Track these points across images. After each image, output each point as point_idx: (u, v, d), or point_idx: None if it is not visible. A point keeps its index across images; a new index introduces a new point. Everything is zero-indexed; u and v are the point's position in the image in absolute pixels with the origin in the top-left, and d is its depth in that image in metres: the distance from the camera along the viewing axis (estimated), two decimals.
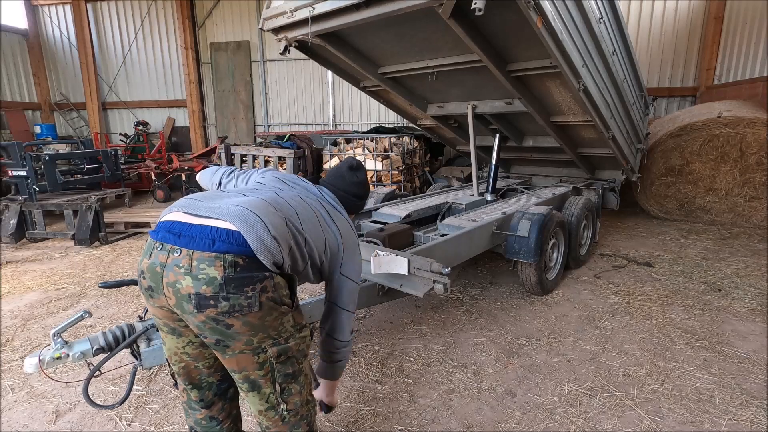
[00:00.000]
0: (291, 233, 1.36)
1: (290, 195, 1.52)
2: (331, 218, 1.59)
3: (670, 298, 3.52)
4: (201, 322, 1.21)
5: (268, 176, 1.70)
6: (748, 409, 2.20)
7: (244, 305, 1.19)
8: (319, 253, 1.50)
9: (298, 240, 1.39)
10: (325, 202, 1.64)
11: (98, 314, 3.40)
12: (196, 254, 1.18)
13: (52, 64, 12.03)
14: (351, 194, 1.80)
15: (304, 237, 1.42)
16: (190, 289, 1.17)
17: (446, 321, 3.20)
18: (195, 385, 1.48)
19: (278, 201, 1.42)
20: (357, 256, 1.67)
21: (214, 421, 1.53)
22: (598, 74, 3.64)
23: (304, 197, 1.56)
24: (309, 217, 1.48)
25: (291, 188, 1.61)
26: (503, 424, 2.13)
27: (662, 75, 8.73)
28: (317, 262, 1.51)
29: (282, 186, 1.61)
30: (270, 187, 1.58)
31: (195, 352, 1.41)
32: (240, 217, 1.23)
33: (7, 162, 6.49)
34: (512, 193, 4.80)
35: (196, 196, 1.38)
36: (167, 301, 1.24)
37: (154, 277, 1.23)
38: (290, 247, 1.35)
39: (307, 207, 1.51)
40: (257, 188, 1.54)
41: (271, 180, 1.66)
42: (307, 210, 1.49)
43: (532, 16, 2.64)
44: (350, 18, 3.12)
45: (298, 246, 1.39)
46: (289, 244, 1.34)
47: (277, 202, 1.41)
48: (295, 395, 1.39)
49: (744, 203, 5.73)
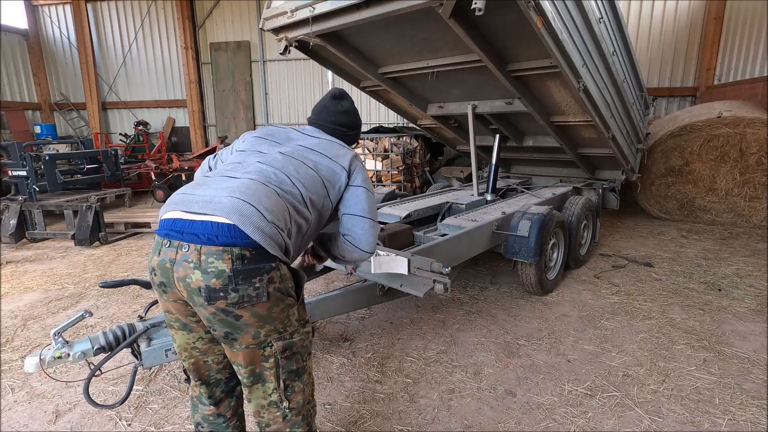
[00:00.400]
0: (286, 202, 1.37)
1: (273, 157, 1.50)
2: (318, 151, 1.57)
3: (670, 298, 3.52)
4: (211, 314, 1.23)
5: (247, 139, 1.66)
6: (748, 409, 2.20)
7: (253, 296, 1.22)
8: (320, 193, 1.50)
9: (296, 204, 1.40)
10: (308, 139, 1.62)
11: (98, 314, 3.40)
12: (204, 249, 1.20)
13: (52, 64, 12.03)
14: (340, 125, 1.73)
15: (300, 193, 1.43)
16: (200, 282, 1.19)
17: (446, 321, 3.20)
18: (204, 382, 1.49)
19: (265, 172, 1.41)
20: (361, 170, 1.63)
21: (221, 418, 1.54)
22: (598, 74, 3.64)
23: (285, 152, 1.54)
24: (296, 167, 1.47)
25: (271, 145, 1.58)
26: (503, 424, 2.13)
27: (662, 75, 8.73)
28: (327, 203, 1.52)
29: (262, 146, 1.58)
30: (252, 151, 1.56)
31: (205, 348, 1.43)
32: (235, 210, 1.23)
33: (7, 162, 6.49)
34: (512, 193, 4.80)
35: (185, 190, 1.37)
36: (181, 294, 1.26)
37: (165, 273, 1.25)
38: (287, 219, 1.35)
39: (292, 160, 1.50)
40: (240, 161, 1.51)
41: (250, 142, 1.62)
42: (292, 163, 1.48)
43: (532, 15, 2.64)
44: (350, 18, 3.12)
45: (298, 211, 1.40)
46: (285, 220, 1.34)
47: (264, 174, 1.40)
48: (299, 393, 1.40)
49: (744, 203, 5.73)
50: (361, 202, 1.59)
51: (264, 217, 1.26)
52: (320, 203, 1.51)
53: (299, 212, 1.41)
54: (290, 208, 1.38)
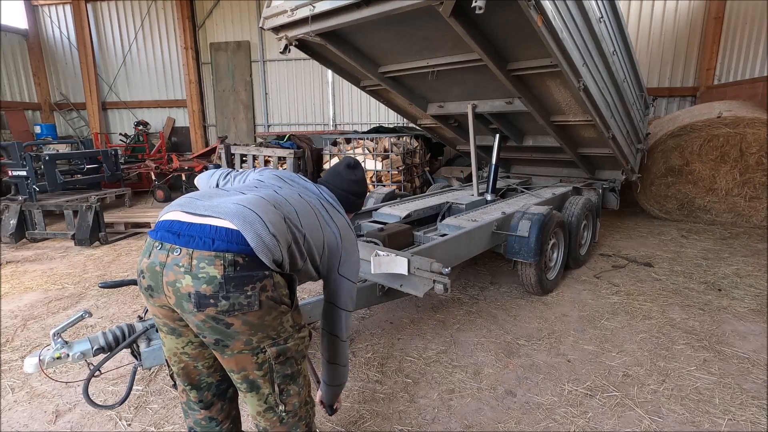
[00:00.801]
0: (290, 231, 1.36)
1: (289, 193, 1.51)
2: (330, 217, 1.58)
3: (670, 298, 3.52)
4: (201, 321, 1.20)
5: (266, 174, 1.68)
6: (748, 409, 2.20)
7: (244, 304, 1.19)
8: (318, 251, 1.49)
9: (297, 238, 1.39)
10: (324, 200, 1.64)
11: (98, 314, 3.39)
12: (195, 253, 1.18)
13: (52, 64, 12.03)
14: (349, 192, 1.79)
15: (303, 235, 1.42)
16: (190, 288, 1.17)
17: (446, 321, 3.20)
18: (194, 386, 1.47)
19: (277, 199, 1.41)
20: (355, 255, 1.67)
21: (213, 421, 1.53)
22: (598, 73, 3.64)
23: (302, 195, 1.55)
24: (308, 215, 1.47)
25: (290, 186, 1.60)
26: (503, 424, 2.13)
27: (662, 75, 8.73)
28: (316, 260, 1.51)
29: (281, 184, 1.60)
30: (268, 185, 1.57)
31: (194, 353, 1.41)
32: (239, 216, 1.23)
33: (7, 162, 6.49)
34: (512, 193, 4.79)
35: (195, 195, 1.37)
36: (167, 300, 1.24)
37: (154, 276, 1.23)
38: (289, 245, 1.34)
39: (306, 205, 1.51)
40: (256, 186, 1.53)
41: (269, 178, 1.65)
42: (305, 208, 1.49)
43: (533, 14, 2.64)
44: (350, 17, 3.12)
45: (297, 244, 1.39)
46: (288, 242, 1.33)
47: (275, 199, 1.40)
48: (294, 396, 1.39)
49: (744, 203, 5.73)
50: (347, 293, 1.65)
51: (267, 228, 1.25)
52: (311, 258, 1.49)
53: (297, 246, 1.40)
54: (291, 236, 1.36)
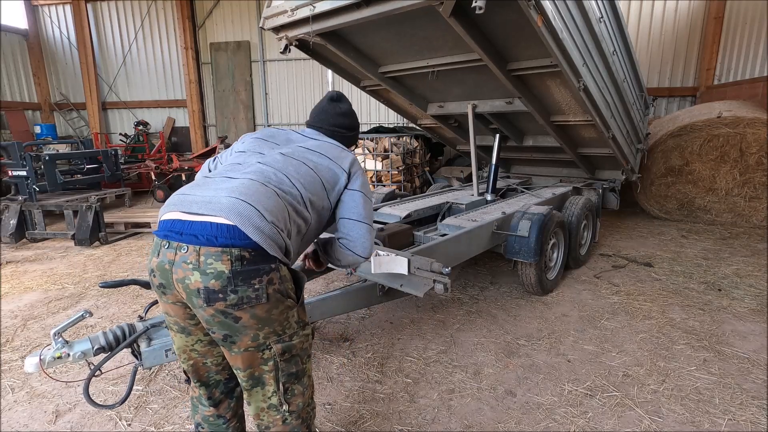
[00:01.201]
0: (286, 203, 1.36)
1: (273, 157, 1.50)
2: (319, 152, 1.57)
3: (670, 298, 3.52)
4: (210, 316, 1.22)
5: (247, 140, 1.66)
6: (748, 409, 2.20)
7: (252, 297, 1.21)
8: (320, 195, 1.50)
9: (295, 205, 1.40)
10: (308, 141, 1.63)
11: (98, 314, 3.40)
12: (203, 249, 1.19)
13: (52, 64, 12.03)
14: (339, 126, 1.74)
15: (300, 194, 1.42)
16: (198, 284, 1.19)
17: (446, 321, 3.20)
18: (203, 383, 1.49)
19: (264, 172, 1.41)
20: (361, 172, 1.64)
21: (221, 419, 1.54)
22: (598, 73, 3.64)
23: (286, 153, 1.54)
24: (296, 168, 1.47)
25: (271, 146, 1.59)
26: (503, 424, 2.13)
27: (662, 75, 8.73)
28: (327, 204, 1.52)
29: (262, 147, 1.58)
30: (251, 152, 1.56)
31: (204, 350, 1.43)
32: (234, 211, 1.23)
33: (7, 162, 6.49)
34: (512, 193, 4.79)
35: (184, 190, 1.36)
36: (180, 295, 1.26)
37: (164, 274, 1.25)
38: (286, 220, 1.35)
39: (292, 161, 1.50)
40: (240, 162, 1.51)
41: (250, 144, 1.62)
42: (292, 163, 1.48)
43: (533, 14, 2.65)
44: (350, 17, 3.12)
45: (297, 211, 1.40)
46: (285, 220, 1.34)
47: (263, 174, 1.39)
48: (298, 396, 1.39)
49: (744, 203, 5.73)
50: (358, 206, 1.59)
51: (264, 218, 1.25)
52: (320, 204, 1.51)
53: (299, 213, 1.41)
54: (289, 208, 1.37)
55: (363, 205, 1.60)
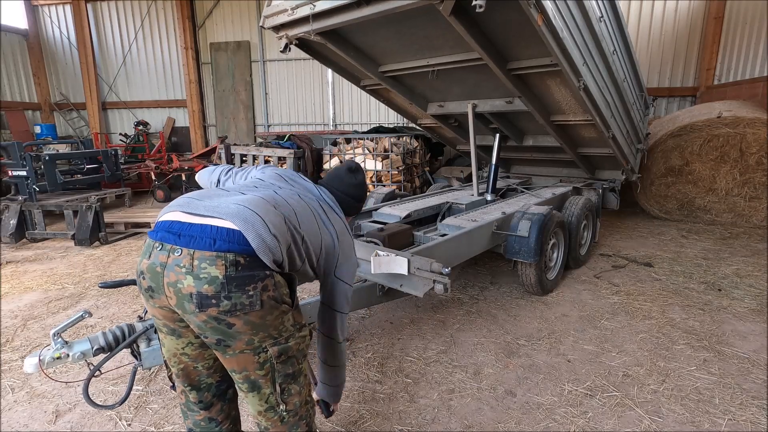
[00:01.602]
0: (290, 232, 1.36)
1: (289, 193, 1.51)
2: (329, 219, 1.58)
3: (670, 298, 3.52)
4: (202, 322, 1.20)
5: (267, 172, 1.68)
6: (748, 409, 2.20)
7: (246, 304, 1.19)
8: (316, 252, 1.50)
9: (296, 239, 1.39)
10: (323, 202, 1.64)
11: (98, 314, 3.39)
12: (197, 253, 1.18)
13: (52, 64, 12.03)
14: (349, 196, 1.80)
15: (301, 236, 1.42)
16: (191, 288, 1.17)
17: (446, 321, 3.20)
18: (194, 387, 1.47)
19: (277, 199, 1.41)
20: (352, 258, 1.68)
21: (213, 422, 1.53)
22: (598, 73, 3.64)
23: (302, 196, 1.55)
24: (307, 216, 1.48)
25: (290, 186, 1.60)
26: (503, 424, 2.13)
27: (662, 75, 8.73)
28: (314, 262, 1.51)
29: (281, 183, 1.60)
30: (269, 184, 1.57)
31: (194, 353, 1.41)
32: (240, 216, 1.23)
33: (7, 162, 6.49)
34: (512, 193, 4.79)
35: (194, 195, 1.37)
36: (168, 301, 1.23)
37: (155, 277, 1.23)
38: (288, 246, 1.34)
39: (305, 206, 1.51)
40: (256, 185, 1.53)
41: (270, 177, 1.65)
42: (305, 209, 1.49)
43: (533, 13, 2.64)
44: (350, 15, 3.12)
45: (296, 245, 1.39)
46: (287, 243, 1.33)
47: (275, 200, 1.40)
48: (295, 396, 1.39)
49: (744, 203, 5.73)
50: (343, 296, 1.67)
51: (268, 228, 1.25)
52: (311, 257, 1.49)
53: (297, 247, 1.40)
54: (291, 237, 1.37)
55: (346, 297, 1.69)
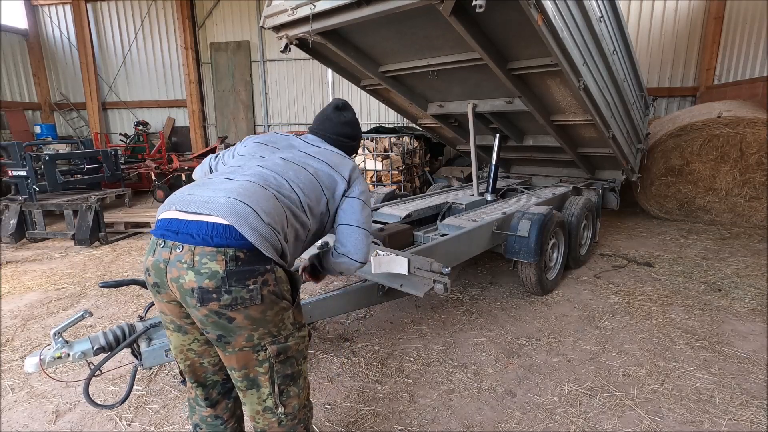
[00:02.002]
0: (284, 207, 1.36)
1: (274, 161, 1.51)
2: (319, 159, 1.58)
3: (670, 298, 3.52)
4: (204, 316, 1.22)
5: (249, 144, 1.67)
6: (748, 409, 2.20)
7: (246, 298, 1.21)
8: (319, 201, 1.50)
9: (294, 210, 1.40)
10: (310, 147, 1.63)
11: (98, 314, 3.39)
12: (197, 249, 1.19)
13: (52, 64, 12.03)
14: (342, 136, 1.75)
15: (299, 198, 1.42)
16: (193, 283, 1.19)
17: (446, 321, 3.20)
18: (200, 383, 1.49)
19: (264, 176, 1.41)
20: (361, 179, 1.64)
21: (218, 419, 1.54)
22: (598, 73, 3.64)
23: (286, 157, 1.54)
24: (297, 173, 1.48)
25: (273, 151, 1.59)
26: (503, 424, 2.13)
27: (662, 75, 8.73)
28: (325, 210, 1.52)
29: (264, 152, 1.59)
30: (253, 156, 1.56)
31: (201, 349, 1.42)
32: (231, 211, 1.23)
33: (7, 162, 6.49)
34: (512, 193, 4.79)
35: (184, 190, 1.37)
36: (174, 295, 1.26)
37: (159, 273, 1.25)
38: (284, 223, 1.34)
39: (293, 165, 1.50)
40: (240, 165, 1.52)
41: (252, 148, 1.63)
42: (292, 168, 1.49)
43: (533, 13, 2.64)
44: (350, 15, 3.12)
45: (296, 216, 1.40)
46: (282, 223, 1.33)
47: (264, 177, 1.40)
48: (294, 398, 1.39)
49: (744, 203, 5.73)
50: (355, 212, 1.59)
51: (261, 219, 1.25)
52: (318, 210, 1.51)
53: (297, 217, 1.41)
54: (288, 212, 1.37)
55: (360, 212, 1.60)
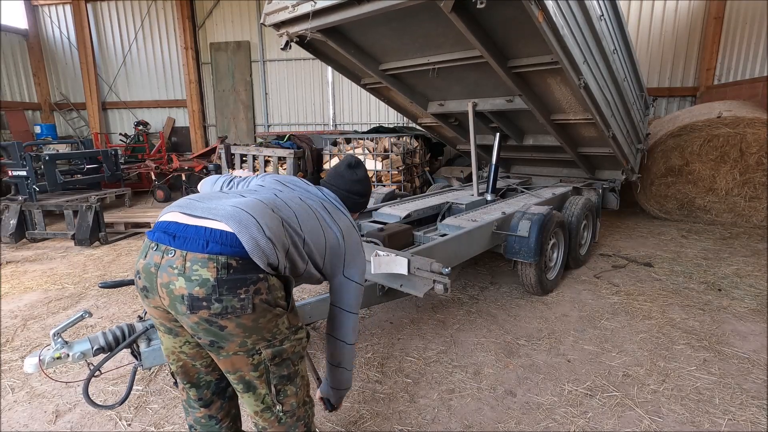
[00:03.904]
0: (288, 235, 1.36)
1: (289, 196, 1.51)
2: (332, 218, 1.58)
3: (670, 298, 3.52)
4: (194, 323, 1.21)
5: (267, 179, 1.69)
6: (748, 409, 2.20)
7: (237, 307, 1.19)
8: (320, 253, 1.49)
9: (296, 242, 1.39)
10: (326, 202, 1.63)
11: (98, 314, 3.39)
12: (189, 255, 1.18)
13: (52, 64, 12.03)
14: (352, 192, 1.78)
15: (302, 238, 1.41)
16: (183, 290, 1.17)
17: (446, 321, 3.20)
18: (193, 384, 1.48)
19: (276, 202, 1.41)
20: (360, 256, 1.66)
21: (213, 419, 1.54)
22: (598, 71, 3.64)
23: (303, 198, 1.55)
24: (308, 218, 1.47)
25: (291, 190, 1.60)
26: (503, 424, 2.13)
27: (662, 75, 8.73)
28: (319, 264, 1.50)
29: (281, 188, 1.60)
30: (269, 188, 1.57)
31: (192, 352, 1.41)
32: (234, 218, 1.23)
33: (7, 162, 6.49)
34: (512, 193, 4.79)
35: (195, 197, 1.37)
36: (162, 302, 1.24)
37: (149, 277, 1.23)
38: (287, 249, 1.34)
39: (306, 208, 1.50)
40: (256, 190, 1.53)
41: (270, 182, 1.65)
42: (306, 211, 1.49)
43: (534, 10, 2.64)
44: (351, 12, 3.11)
45: (297, 248, 1.38)
46: (285, 246, 1.33)
47: (274, 203, 1.40)
48: (291, 397, 1.39)
49: (744, 203, 5.73)
50: (354, 297, 1.64)
51: (262, 230, 1.24)
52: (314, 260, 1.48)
53: (297, 249, 1.39)
54: (290, 240, 1.36)
55: (357, 297, 1.65)
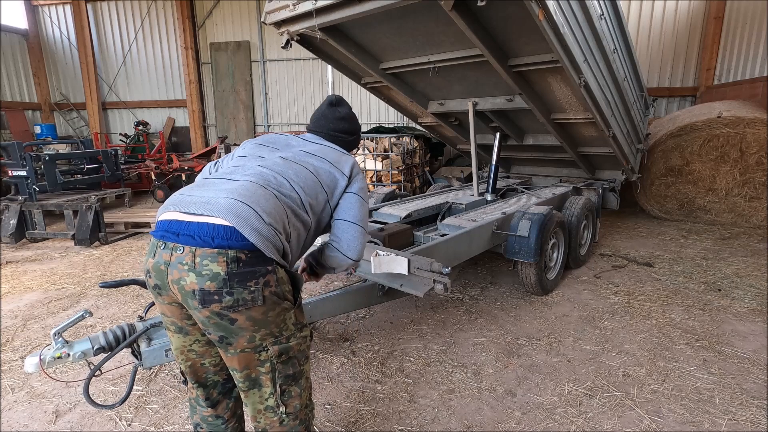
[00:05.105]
0: (285, 206, 1.36)
1: (273, 161, 1.50)
2: (319, 156, 1.58)
3: (670, 298, 3.52)
4: (206, 318, 1.22)
5: (248, 147, 1.67)
6: (748, 409, 2.20)
7: (248, 299, 1.21)
8: (320, 199, 1.50)
9: (294, 208, 1.40)
10: (309, 145, 1.63)
11: (98, 314, 3.39)
12: (199, 251, 1.19)
13: (52, 64, 12.03)
14: (338, 131, 1.74)
15: (299, 197, 1.42)
16: (194, 285, 1.18)
17: (446, 321, 3.20)
18: (201, 384, 1.49)
19: (264, 175, 1.41)
20: (360, 175, 1.63)
21: (219, 419, 1.54)
22: (599, 71, 3.64)
23: (286, 156, 1.54)
24: (297, 172, 1.47)
25: (272, 150, 1.59)
26: (503, 424, 2.13)
27: (662, 75, 8.72)
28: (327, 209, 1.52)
29: (263, 152, 1.58)
30: (252, 156, 1.56)
31: (201, 350, 1.43)
32: (232, 211, 1.23)
33: (7, 162, 6.49)
34: (512, 193, 4.79)
35: (185, 191, 1.37)
36: (175, 297, 1.26)
37: (160, 275, 1.25)
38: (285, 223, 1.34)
39: (292, 164, 1.50)
40: (240, 165, 1.51)
41: (251, 149, 1.63)
42: (292, 167, 1.49)
43: (534, 8, 2.64)
44: (352, 11, 3.11)
45: (297, 215, 1.40)
46: (283, 223, 1.33)
47: (263, 177, 1.40)
48: (295, 398, 1.39)
49: (744, 203, 5.73)
50: (353, 208, 1.57)
51: (262, 219, 1.25)
52: (319, 208, 1.51)
53: (298, 216, 1.41)
54: (289, 211, 1.37)
55: (359, 208, 1.58)
